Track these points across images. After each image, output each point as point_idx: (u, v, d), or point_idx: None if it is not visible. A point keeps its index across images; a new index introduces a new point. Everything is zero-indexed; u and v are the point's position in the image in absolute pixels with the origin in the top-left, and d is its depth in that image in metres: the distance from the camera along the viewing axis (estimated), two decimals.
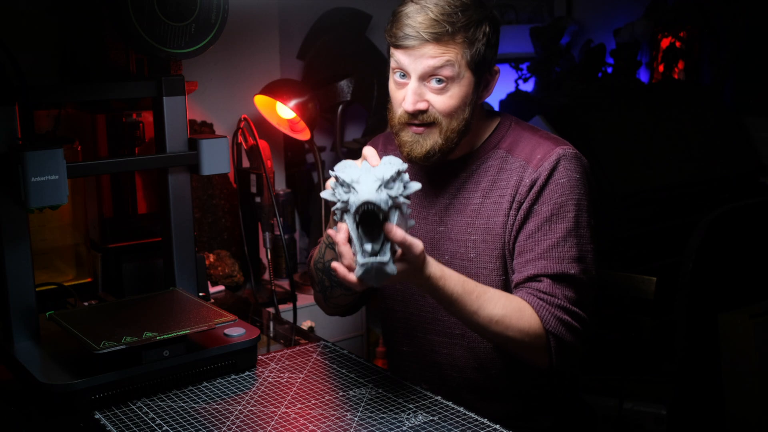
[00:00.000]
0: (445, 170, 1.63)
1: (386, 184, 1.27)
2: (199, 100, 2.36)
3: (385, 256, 1.27)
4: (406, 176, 1.32)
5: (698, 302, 2.30)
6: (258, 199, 2.23)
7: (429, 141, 1.54)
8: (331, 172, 1.31)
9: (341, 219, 1.31)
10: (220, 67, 2.41)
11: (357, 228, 1.27)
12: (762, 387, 2.27)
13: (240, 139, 2.26)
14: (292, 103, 2.45)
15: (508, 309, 1.46)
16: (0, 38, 1.51)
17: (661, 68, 3.82)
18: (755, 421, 2.29)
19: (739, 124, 3.52)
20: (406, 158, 1.57)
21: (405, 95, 1.52)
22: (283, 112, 2.52)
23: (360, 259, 1.26)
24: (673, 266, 2.36)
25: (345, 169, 1.31)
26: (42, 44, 1.91)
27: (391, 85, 1.57)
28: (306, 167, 2.88)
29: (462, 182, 1.61)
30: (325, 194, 1.32)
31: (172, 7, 1.59)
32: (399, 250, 1.31)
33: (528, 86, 3.64)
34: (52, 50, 1.93)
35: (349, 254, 1.30)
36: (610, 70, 3.71)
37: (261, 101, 2.52)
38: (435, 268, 1.38)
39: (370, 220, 1.27)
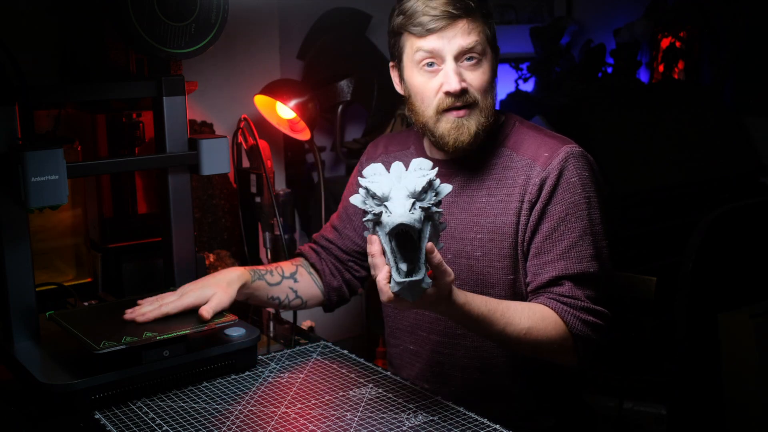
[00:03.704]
0: (448, 167, 1.63)
1: (418, 196, 1.23)
2: (199, 100, 2.35)
3: (420, 274, 1.24)
4: (437, 180, 1.27)
5: (698, 302, 2.30)
6: (258, 199, 2.23)
7: (473, 123, 1.53)
8: (361, 179, 1.27)
9: (373, 231, 1.28)
10: (220, 67, 2.41)
11: (391, 243, 1.23)
12: (762, 387, 2.27)
13: (240, 139, 2.26)
14: (292, 103, 2.45)
15: (534, 319, 1.46)
16: (0, 38, 1.51)
17: (661, 68, 3.82)
18: (755, 421, 2.29)
19: (739, 124, 3.52)
20: (452, 147, 1.55)
21: (442, 81, 1.51)
22: (283, 112, 2.52)
23: (396, 278, 1.24)
24: (673, 266, 2.36)
25: (375, 177, 1.26)
26: (42, 44, 1.91)
27: (418, 80, 1.55)
28: (306, 167, 2.88)
29: (465, 180, 1.61)
30: (355, 200, 1.28)
31: (172, 7, 1.59)
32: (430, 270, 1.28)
33: (528, 86, 3.64)
34: (52, 50, 1.93)
35: (383, 266, 1.27)
36: (610, 70, 3.71)
37: (261, 101, 2.51)
38: (459, 293, 1.36)
39: (404, 235, 1.23)
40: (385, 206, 1.22)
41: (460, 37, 1.50)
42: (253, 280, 1.65)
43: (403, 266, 1.23)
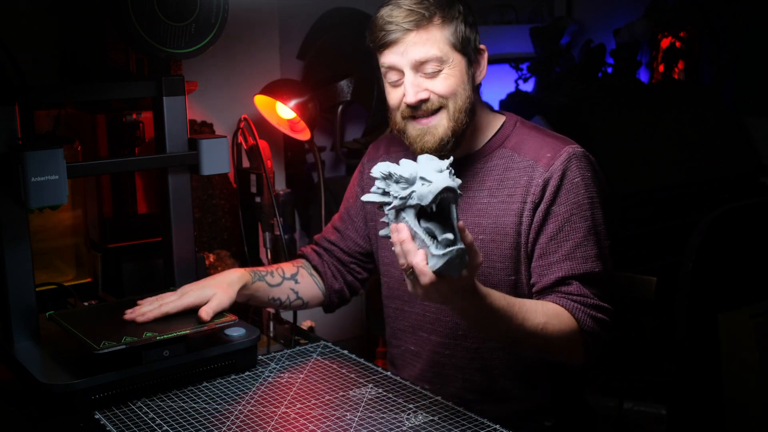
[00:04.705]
0: None
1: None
2: (199, 100, 2.35)
3: (461, 243, 1.19)
4: (451, 169, 1.24)
5: (698, 302, 2.30)
6: (258, 199, 2.23)
7: (439, 128, 1.54)
8: (374, 174, 1.25)
9: (396, 218, 1.24)
10: (220, 67, 2.41)
11: (420, 224, 1.20)
12: (762, 387, 2.27)
13: (240, 139, 2.26)
14: (292, 103, 2.45)
15: (548, 315, 1.45)
16: (0, 38, 1.51)
17: (661, 68, 3.82)
18: (755, 421, 2.29)
19: (739, 124, 3.52)
20: (420, 154, 1.55)
21: (403, 92, 1.54)
22: (283, 112, 2.52)
23: (438, 251, 1.18)
24: (673, 266, 2.36)
25: (392, 167, 1.24)
26: (42, 44, 1.91)
27: (387, 91, 1.59)
28: (306, 167, 2.88)
29: (466, 181, 1.61)
30: (370, 197, 1.26)
31: (172, 7, 1.59)
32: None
33: (528, 86, 3.64)
34: (52, 50, 1.93)
35: (416, 250, 1.21)
36: (610, 70, 3.71)
37: (261, 101, 2.51)
38: (480, 286, 1.33)
39: (430, 214, 1.21)
40: (422, 178, 1.19)
41: (413, 49, 1.51)
42: (254, 281, 1.66)
43: (449, 235, 1.18)
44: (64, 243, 1.97)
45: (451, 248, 1.18)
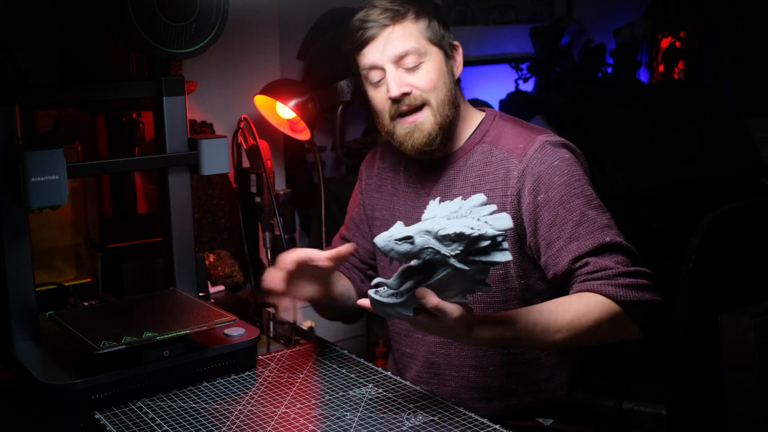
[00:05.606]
0: (434, 169, 1.64)
1: (441, 238, 1.19)
2: (199, 100, 2.35)
3: (394, 299, 1.24)
4: (486, 242, 1.20)
5: (698, 302, 2.30)
6: (258, 199, 2.23)
7: (426, 124, 1.55)
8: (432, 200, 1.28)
9: None
10: (220, 67, 2.41)
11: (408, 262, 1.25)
12: (762, 387, 2.27)
13: (240, 139, 2.26)
14: (292, 103, 2.45)
15: (574, 311, 1.40)
16: (0, 38, 1.51)
17: (661, 68, 3.82)
18: (755, 421, 2.29)
19: (739, 124, 3.52)
20: (412, 152, 1.58)
21: (386, 90, 1.56)
22: (283, 112, 2.52)
23: (372, 290, 1.27)
24: (673, 266, 2.36)
25: (443, 203, 1.25)
26: (42, 44, 1.91)
27: (371, 94, 1.61)
28: (306, 167, 2.88)
29: (451, 180, 1.62)
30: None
31: (172, 7, 1.59)
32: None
33: (528, 86, 3.65)
34: (52, 50, 1.93)
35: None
36: (610, 70, 3.71)
37: (261, 101, 2.51)
38: (484, 331, 1.30)
39: (425, 264, 1.23)
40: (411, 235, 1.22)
41: (392, 43, 1.54)
42: None
43: (375, 280, 1.27)
44: (64, 243, 1.97)
45: (371, 294, 1.26)
